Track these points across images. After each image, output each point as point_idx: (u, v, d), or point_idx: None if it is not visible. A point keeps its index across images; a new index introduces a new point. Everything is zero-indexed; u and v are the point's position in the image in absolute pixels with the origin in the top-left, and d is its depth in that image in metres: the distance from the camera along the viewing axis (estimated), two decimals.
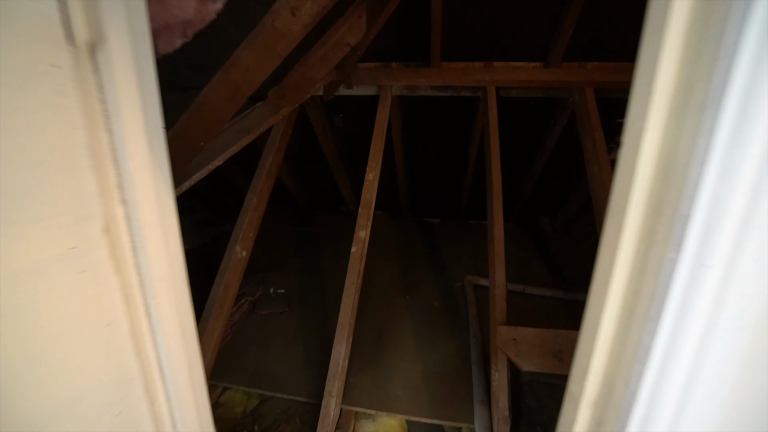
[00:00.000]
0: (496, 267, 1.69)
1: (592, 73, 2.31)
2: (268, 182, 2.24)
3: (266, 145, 2.34)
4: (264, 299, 2.37)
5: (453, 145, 3.31)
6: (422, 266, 3.09)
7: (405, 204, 4.17)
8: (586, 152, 2.22)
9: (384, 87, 2.52)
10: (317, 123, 3.09)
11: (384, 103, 2.46)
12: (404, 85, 2.55)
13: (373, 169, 2.12)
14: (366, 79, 2.51)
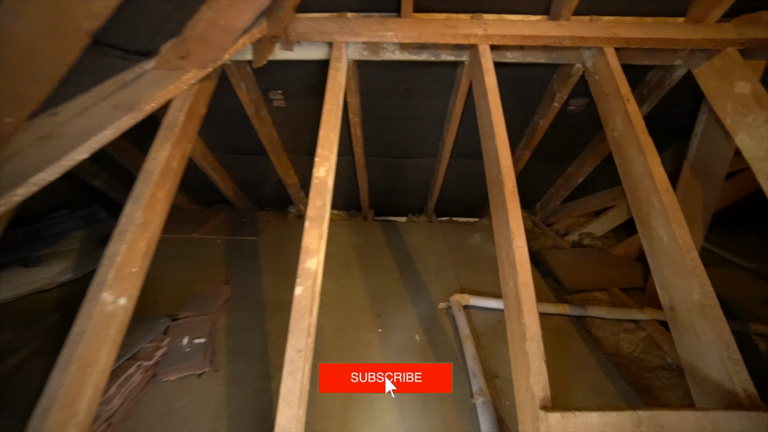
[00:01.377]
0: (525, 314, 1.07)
1: (613, 28, 1.76)
2: (165, 186, 1.46)
3: (160, 129, 1.54)
4: (172, 357, 1.59)
5: (427, 126, 2.67)
6: (393, 282, 2.45)
7: (365, 201, 3.50)
8: (611, 130, 1.67)
9: (336, 45, 1.80)
10: (248, 101, 2.30)
11: (337, 66, 1.74)
12: (365, 42, 1.85)
13: (326, 160, 1.41)
14: (310, 33, 1.78)
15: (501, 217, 1.32)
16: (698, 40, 1.76)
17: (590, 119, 2.59)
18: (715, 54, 1.81)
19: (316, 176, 1.37)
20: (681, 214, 1.29)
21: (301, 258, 1.19)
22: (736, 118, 1.69)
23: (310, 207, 1.30)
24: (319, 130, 1.50)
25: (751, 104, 1.65)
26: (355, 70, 2.12)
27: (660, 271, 1.34)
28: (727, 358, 1.09)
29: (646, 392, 1.75)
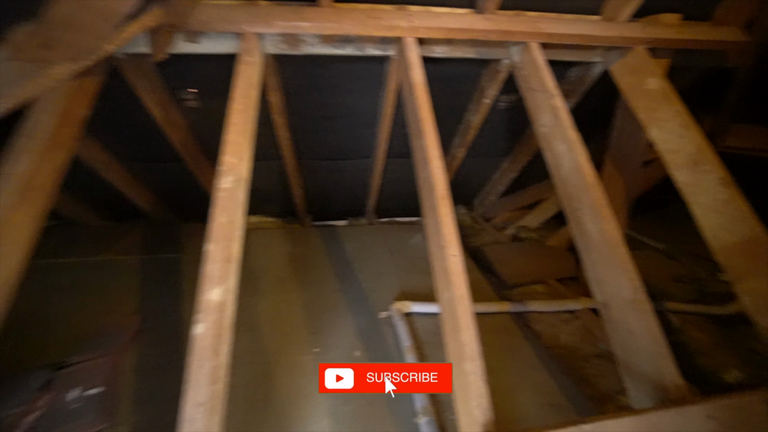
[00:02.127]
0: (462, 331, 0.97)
1: (537, 23, 1.75)
2: (26, 207, 1.17)
3: (17, 137, 1.24)
4: (54, 419, 1.28)
5: (360, 125, 2.54)
6: (331, 294, 2.29)
7: (301, 207, 3.29)
8: (540, 126, 1.66)
9: (247, 36, 1.59)
10: (153, 101, 2.01)
11: (248, 60, 1.54)
12: (281, 34, 1.66)
13: (233, 169, 1.22)
14: (215, 22, 1.56)
15: (433, 223, 1.22)
16: (612, 37, 1.81)
17: (521, 115, 2.62)
18: (627, 52, 1.88)
19: (220, 188, 1.17)
20: (610, 209, 1.29)
21: (200, 288, 0.99)
22: (648, 113, 1.76)
23: (212, 226, 1.10)
24: (225, 134, 1.30)
25: (660, 100, 1.73)
26: (274, 66, 1.92)
27: (593, 268, 1.33)
28: (657, 352, 1.10)
29: (584, 382, 1.78)
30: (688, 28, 1.95)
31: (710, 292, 2.44)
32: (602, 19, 1.89)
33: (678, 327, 2.20)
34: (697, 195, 1.51)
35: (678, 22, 1.91)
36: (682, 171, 1.57)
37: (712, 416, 0.95)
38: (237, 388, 1.52)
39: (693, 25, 2.00)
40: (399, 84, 2.10)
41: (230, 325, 1.03)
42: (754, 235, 1.37)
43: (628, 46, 1.86)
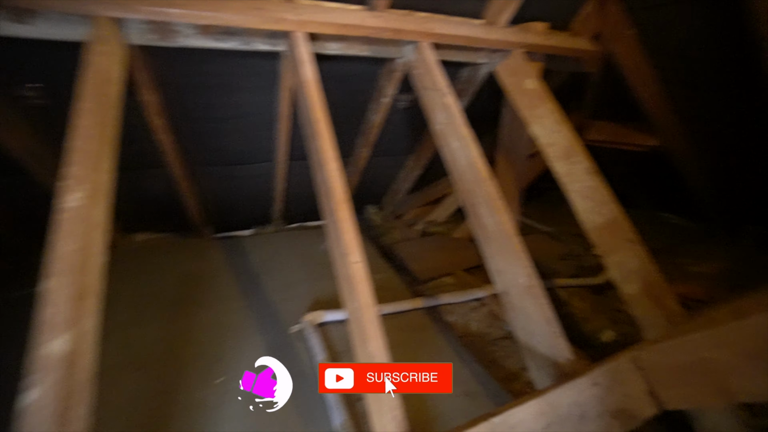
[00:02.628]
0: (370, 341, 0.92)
1: (427, 23, 1.78)
2: None
3: None
4: None
5: (256, 126, 2.35)
6: (236, 313, 2.08)
7: (198, 218, 2.94)
8: (435, 124, 1.69)
9: (100, 21, 1.32)
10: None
11: (101, 50, 1.27)
12: (148, 21, 1.42)
13: (84, 181, 0.98)
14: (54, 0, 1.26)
15: (333, 228, 1.15)
16: (494, 40, 1.94)
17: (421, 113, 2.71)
18: (508, 55, 2.04)
19: (64, 208, 0.93)
20: (503, 202, 1.37)
21: (38, 339, 0.77)
22: (528, 111, 1.93)
23: (52, 256, 0.87)
24: (69, 140, 1.05)
25: (537, 99, 1.91)
26: (144, 59, 1.66)
27: (492, 258, 1.40)
28: (551, 333, 1.19)
29: (493, 365, 1.89)
30: (553, 36, 2.20)
31: (586, 266, 2.81)
32: (485, 23, 2.02)
33: (565, 300, 2.48)
34: (572, 183, 1.69)
35: (546, 30, 2.14)
36: (558, 162, 1.75)
37: (596, 383, 1.06)
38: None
39: (557, 34, 2.26)
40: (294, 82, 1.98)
41: (88, 380, 0.82)
42: (615, 217, 1.58)
43: (508, 49, 2.02)
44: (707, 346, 0.97)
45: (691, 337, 1.01)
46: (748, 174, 2.60)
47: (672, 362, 1.04)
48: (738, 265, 2.66)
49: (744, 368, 0.91)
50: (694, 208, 3.30)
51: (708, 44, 2.13)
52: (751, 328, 0.92)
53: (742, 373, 0.92)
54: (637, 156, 3.02)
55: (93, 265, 0.93)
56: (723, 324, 0.98)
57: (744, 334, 0.92)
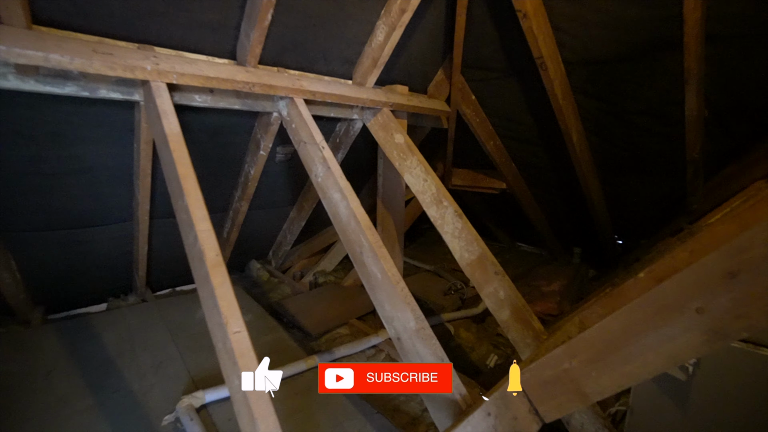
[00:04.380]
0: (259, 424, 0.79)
1: (299, 80, 1.84)
2: None
3: None
4: None
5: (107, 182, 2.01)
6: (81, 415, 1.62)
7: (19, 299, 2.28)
8: (314, 176, 1.70)
9: None
10: None
11: None
12: None
13: None
14: None
15: (208, 297, 1.01)
16: (364, 99, 2.11)
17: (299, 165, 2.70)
18: (377, 112, 2.23)
19: None
20: (386, 250, 1.42)
21: None
22: (400, 162, 2.11)
23: None
24: None
25: (406, 151, 2.11)
26: None
27: (381, 306, 1.41)
28: None
29: (396, 412, 1.86)
30: (414, 97, 2.51)
31: (467, 298, 3.09)
32: (354, 84, 2.19)
33: (453, 333, 2.65)
34: (444, 226, 1.87)
35: (407, 92, 2.43)
36: (431, 208, 1.93)
37: (489, 412, 1.12)
38: None
39: (417, 96, 2.59)
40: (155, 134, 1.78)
41: None
42: (482, 253, 1.79)
43: (377, 107, 2.21)
44: (564, 358, 1.13)
45: (553, 353, 1.16)
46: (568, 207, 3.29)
47: (542, 378, 1.17)
48: (573, 280, 3.27)
49: (590, 372, 1.08)
50: (538, 237, 4.01)
51: (527, 109, 2.71)
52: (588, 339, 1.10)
53: (589, 376, 1.08)
54: (491, 197, 3.57)
55: None
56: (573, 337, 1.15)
57: (586, 344, 1.10)
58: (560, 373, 1.12)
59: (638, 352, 0.95)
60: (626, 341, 0.97)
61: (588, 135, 2.51)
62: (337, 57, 2.10)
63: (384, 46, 2.00)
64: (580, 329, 1.18)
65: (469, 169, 3.45)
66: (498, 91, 2.72)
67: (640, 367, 0.97)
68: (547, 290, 2.92)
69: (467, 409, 1.15)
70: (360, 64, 2.15)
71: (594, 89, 2.24)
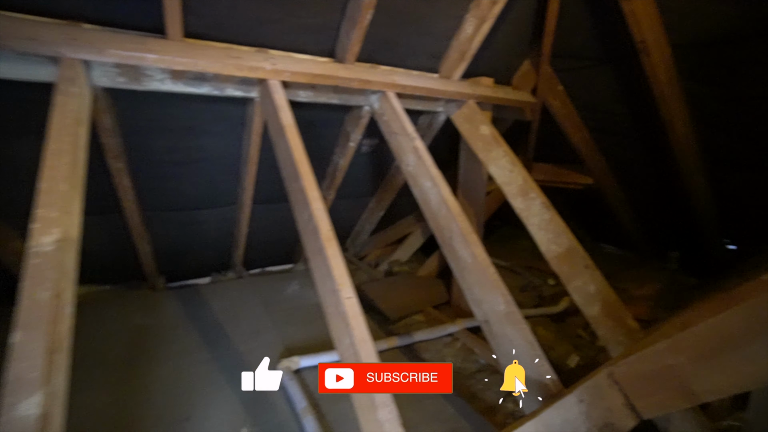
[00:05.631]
0: None
1: (391, 75, 1.95)
2: None
3: None
4: None
5: (220, 170, 2.31)
6: (200, 366, 1.92)
7: (150, 267, 2.73)
8: (405, 165, 1.80)
9: (67, 62, 1.28)
10: None
11: (69, 92, 1.24)
12: (117, 64, 1.41)
13: (54, 224, 0.91)
14: (17, 40, 1.21)
15: (321, 266, 1.15)
16: (450, 92, 2.16)
17: (382, 157, 2.84)
18: (462, 104, 2.26)
19: (37, 252, 0.85)
20: (476, 236, 1.46)
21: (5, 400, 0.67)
22: (485, 153, 2.12)
23: (23, 305, 0.78)
24: (40, 181, 0.98)
25: (492, 143, 2.12)
26: (108, 101, 1.61)
27: (470, 290, 1.46)
28: (534, 355, 1.25)
29: (473, 398, 1.89)
30: (499, 89, 2.49)
31: (545, 296, 2.99)
32: (440, 77, 2.24)
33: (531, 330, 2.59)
34: (530, 217, 1.85)
35: (492, 84, 2.42)
36: (516, 199, 1.92)
37: (582, 399, 1.12)
38: None
39: (502, 88, 2.56)
40: (263, 127, 2.02)
41: None
42: (571, 246, 1.74)
43: (462, 99, 2.24)
44: (668, 354, 1.08)
45: (654, 348, 1.11)
46: (664, 206, 3.01)
47: (641, 373, 1.14)
48: (668, 286, 2.98)
49: (700, 369, 1.03)
50: (625, 238, 3.70)
51: (621, 99, 2.53)
52: (699, 334, 1.04)
53: (699, 374, 1.03)
54: (574, 193, 3.38)
55: (64, 316, 0.84)
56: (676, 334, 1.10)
57: (696, 340, 1.05)
58: (663, 369, 1.08)
59: (765, 354, 0.89)
60: (749, 339, 0.91)
61: (696, 125, 2.28)
62: (425, 52, 2.17)
63: (473, 38, 2.02)
64: (684, 327, 1.11)
65: (550, 163, 3.32)
66: (588, 80, 2.59)
67: (766, 369, 0.90)
68: (638, 294, 2.72)
69: (558, 393, 1.16)
70: (447, 58, 2.20)
71: (707, 74, 2.04)
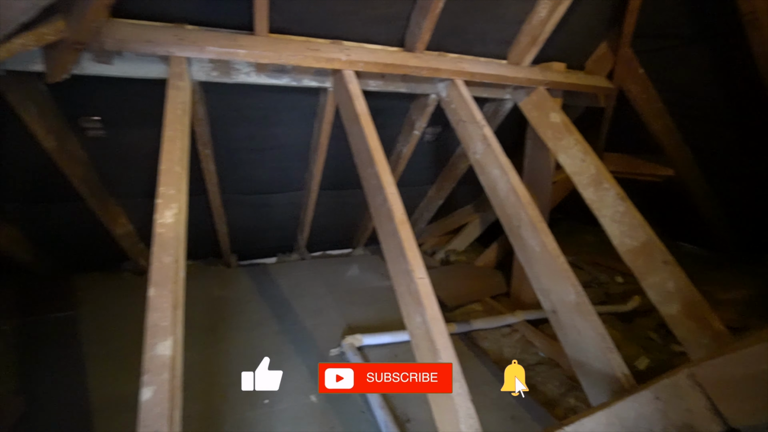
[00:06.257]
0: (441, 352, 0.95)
1: (459, 63, 1.94)
2: None
3: None
4: None
5: (290, 157, 2.47)
6: (271, 336, 2.11)
7: (225, 246, 3.01)
8: (472, 153, 1.80)
9: (176, 60, 1.46)
10: (44, 129, 1.70)
11: (178, 85, 1.41)
12: (212, 60, 1.57)
13: (173, 201, 1.07)
14: (136, 43, 1.40)
15: (394, 248, 1.22)
16: (520, 78, 2.10)
17: (443, 146, 2.84)
18: (532, 91, 2.19)
19: (161, 223, 1.01)
20: (546, 224, 1.44)
21: (146, 342, 0.82)
22: (555, 142, 2.05)
23: (154, 267, 0.94)
24: (160, 163, 1.15)
25: (562, 131, 2.03)
26: (201, 94, 1.80)
27: (537, 279, 1.45)
28: (605, 347, 1.22)
29: (533, 390, 1.88)
30: (571, 74, 2.37)
31: (612, 293, 2.83)
32: (509, 63, 2.19)
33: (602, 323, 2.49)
34: (603, 209, 1.77)
35: (564, 69, 2.31)
36: (588, 189, 1.84)
37: (658, 396, 1.08)
38: None
39: (574, 73, 2.43)
40: (333, 115, 2.12)
41: (180, 386, 0.86)
42: (648, 239, 1.64)
43: (532, 86, 2.17)
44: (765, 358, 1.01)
45: (749, 350, 1.04)
46: (762, 203, 2.68)
47: (730, 377, 1.07)
48: (763, 291, 2.67)
49: None
50: (709, 236, 3.35)
51: (715, 82, 2.29)
52: None
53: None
54: (650, 186, 3.12)
55: (181, 278, 0.99)
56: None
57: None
58: (758, 374, 1.01)
59: None
60: None
61: None
62: (493, 38, 2.13)
63: (546, 22, 1.95)
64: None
65: (625, 153, 3.09)
66: (675, 62, 2.36)
67: None
68: (724, 298, 2.48)
69: (631, 388, 1.13)
70: (517, 44, 2.14)
71: None
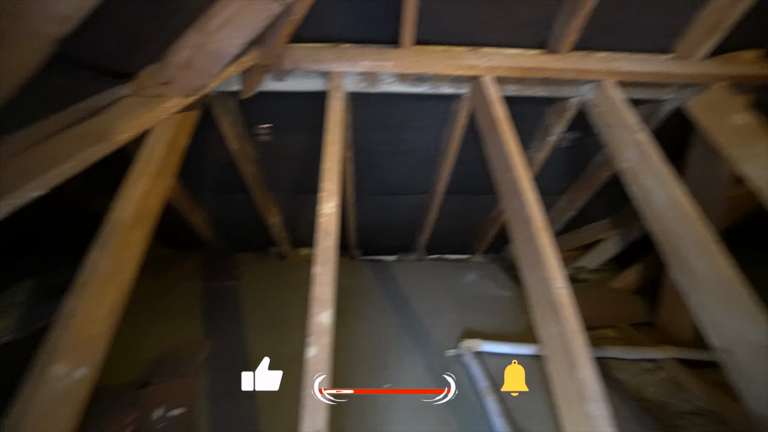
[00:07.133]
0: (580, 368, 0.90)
1: (610, 62, 1.77)
2: (139, 228, 1.25)
3: (135, 162, 1.35)
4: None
5: (418, 161, 2.59)
6: (392, 328, 2.25)
7: (352, 240, 3.31)
8: (622, 161, 1.63)
9: (334, 74, 1.70)
10: (232, 135, 2.15)
11: (336, 96, 1.64)
12: (361, 73, 1.77)
13: (333, 195, 1.25)
14: (305, 61, 1.68)
15: (531, 255, 1.19)
16: (690, 74, 1.80)
17: (580, 152, 2.61)
18: (705, 89, 1.86)
19: (324, 213, 1.20)
20: (719, 245, 1.22)
21: (312, 311, 0.99)
22: (737, 150, 1.70)
23: (319, 249, 1.12)
24: (323, 162, 1.36)
25: (749, 136, 1.67)
26: (349, 103, 2.03)
27: (702, 308, 1.23)
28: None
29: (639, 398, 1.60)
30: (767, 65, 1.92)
31: None
32: (676, 57, 1.89)
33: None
34: None
35: (758, 58, 1.89)
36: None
37: None
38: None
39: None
40: (467, 121, 2.15)
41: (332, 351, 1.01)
42: None
43: (705, 83, 1.84)
44: None
45: None
46: None
47: None
48: None
49: None
50: None
51: None
52: None
53: None
54: None
55: (335, 260, 1.16)
56: None
57: None
58: None
59: None
60: None
61: None
62: (655, 31, 1.87)
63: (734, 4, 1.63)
64: None
65: None
66: None
67: None
68: None
69: None
70: (688, 34, 1.84)
71: None
